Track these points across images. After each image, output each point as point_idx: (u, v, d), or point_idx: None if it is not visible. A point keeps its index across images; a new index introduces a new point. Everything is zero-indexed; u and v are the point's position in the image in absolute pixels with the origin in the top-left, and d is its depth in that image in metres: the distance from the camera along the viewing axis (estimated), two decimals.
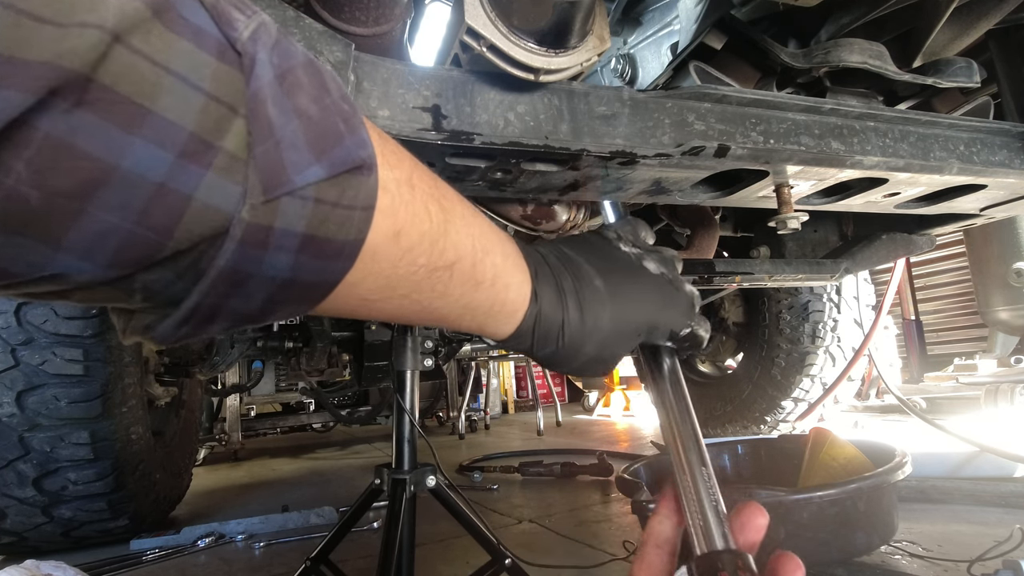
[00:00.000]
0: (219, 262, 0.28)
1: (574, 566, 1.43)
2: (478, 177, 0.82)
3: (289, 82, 0.29)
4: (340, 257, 0.33)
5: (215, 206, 0.27)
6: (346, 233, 0.32)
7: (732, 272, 1.40)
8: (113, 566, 1.69)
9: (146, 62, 0.24)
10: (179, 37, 0.25)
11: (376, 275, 0.36)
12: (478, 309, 0.46)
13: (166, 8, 0.25)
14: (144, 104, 0.24)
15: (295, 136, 0.29)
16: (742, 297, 2.73)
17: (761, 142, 0.82)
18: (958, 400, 3.18)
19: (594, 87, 0.77)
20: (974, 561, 1.23)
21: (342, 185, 0.31)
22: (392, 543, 1.07)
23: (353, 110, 0.33)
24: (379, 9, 0.75)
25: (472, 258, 0.43)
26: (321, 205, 0.30)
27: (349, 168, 0.31)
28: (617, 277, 0.53)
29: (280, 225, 0.29)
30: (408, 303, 0.40)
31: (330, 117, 0.31)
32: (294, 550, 1.76)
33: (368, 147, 0.32)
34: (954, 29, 0.95)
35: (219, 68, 0.27)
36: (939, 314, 5.39)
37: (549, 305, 0.50)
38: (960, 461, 2.02)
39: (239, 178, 0.27)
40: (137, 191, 0.25)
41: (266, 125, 0.28)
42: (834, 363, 2.55)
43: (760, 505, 0.46)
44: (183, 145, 0.25)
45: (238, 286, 0.30)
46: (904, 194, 1.06)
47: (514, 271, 0.48)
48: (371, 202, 0.33)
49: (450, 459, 3.03)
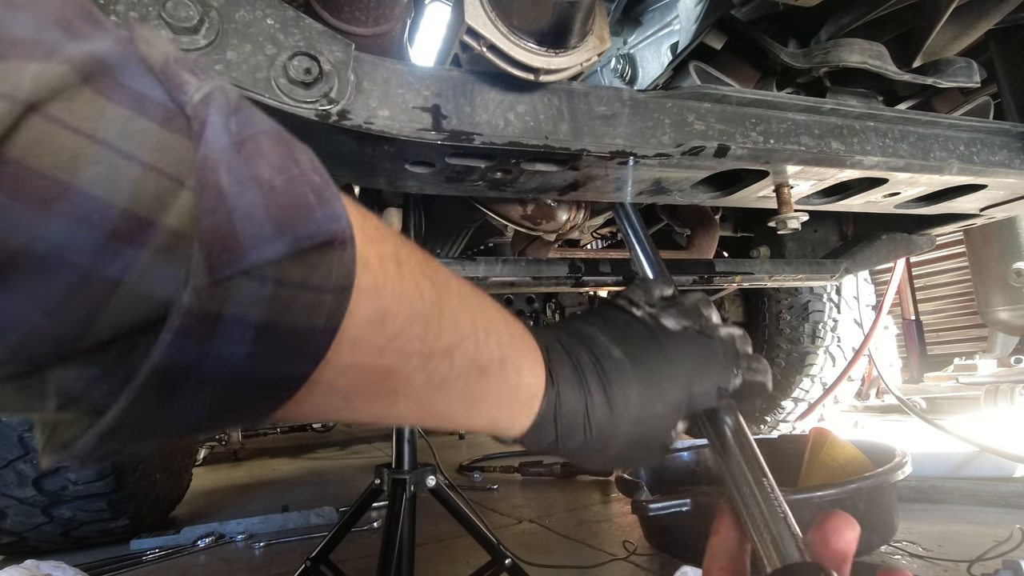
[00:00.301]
0: (153, 357, 0.23)
1: (574, 566, 1.43)
2: (478, 177, 0.82)
3: (249, 149, 0.26)
4: (308, 349, 0.28)
5: (149, 292, 0.23)
6: (315, 319, 0.27)
7: (732, 272, 1.40)
8: (113, 566, 1.69)
9: (66, 131, 0.21)
10: (113, 104, 0.23)
11: (358, 368, 0.31)
12: (487, 401, 0.39)
13: (100, 73, 0.23)
14: (62, 178, 0.21)
15: (252, 207, 0.24)
16: (742, 297, 2.73)
17: (761, 142, 0.82)
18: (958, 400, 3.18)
19: (594, 87, 0.77)
20: (974, 561, 1.23)
21: (310, 263, 0.26)
22: (392, 543, 1.07)
23: (326, 182, 0.29)
24: (379, 9, 0.75)
25: (474, 339, 0.37)
26: (283, 287, 0.25)
27: (318, 243, 0.26)
28: (637, 344, 0.47)
29: (231, 311, 0.24)
30: (400, 400, 0.34)
31: (297, 188, 0.27)
32: (294, 550, 1.76)
33: (342, 220, 0.28)
34: (954, 29, 0.95)
35: (163, 136, 0.23)
36: (939, 314, 5.39)
37: (568, 387, 0.43)
38: (960, 461, 2.02)
39: (181, 257, 0.23)
40: (51, 279, 0.21)
41: (216, 194, 0.24)
42: (834, 363, 2.55)
43: (849, 516, 0.40)
44: (113, 223, 0.22)
45: (177, 387, 0.25)
46: (904, 194, 1.06)
47: (524, 350, 0.42)
48: (346, 282, 0.28)
49: (450, 459, 3.03)
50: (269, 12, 0.60)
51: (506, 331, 0.40)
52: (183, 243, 0.23)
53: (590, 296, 2.28)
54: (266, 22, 0.60)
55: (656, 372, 0.45)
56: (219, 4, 0.58)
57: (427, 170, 0.78)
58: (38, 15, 0.22)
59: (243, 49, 0.59)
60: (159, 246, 0.23)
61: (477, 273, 1.18)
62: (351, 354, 0.30)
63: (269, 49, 0.60)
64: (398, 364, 0.33)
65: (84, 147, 0.21)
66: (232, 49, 0.58)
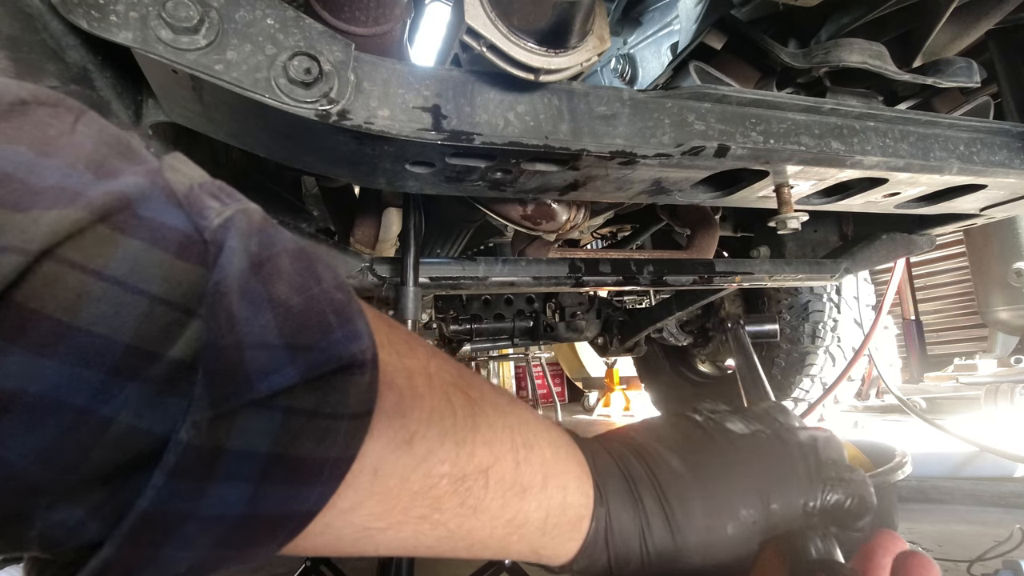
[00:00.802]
0: (143, 502, 0.22)
1: None
2: (478, 177, 0.82)
3: (267, 271, 0.24)
4: (319, 481, 0.25)
5: (147, 427, 0.22)
6: (326, 450, 0.25)
7: (732, 272, 1.40)
8: None
9: (74, 271, 0.21)
10: (127, 237, 0.22)
11: (381, 495, 0.28)
12: (528, 525, 0.35)
13: (118, 209, 0.22)
14: (63, 319, 0.20)
15: (265, 333, 0.23)
16: (742, 297, 2.73)
17: (761, 142, 0.82)
18: (958, 400, 3.18)
19: (594, 87, 0.77)
20: (974, 561, 1.23)
21: (323, 389, 0.24)
22: None
23: (349, 298, 0.27)
24: (379, 9, 0.75)
25: (514, 457, 0.34)
26: (294, 416, 0.24)
27: (336, 367, 0.25)
28: (698, 453, 0.41)
29: (234, 446, 0.22)
30: (429, 527, 0.31)
31: (316, 307, 0.25)
32: None
33: (363, 340, 0.26)
34: (954, 29, 0.95)
35: (174, 265, 0.22)
36: (939, 314, 5.39)
37: (620, 503, 0.38)
38: (960, 461, 2.03)
39: (182, 390, 0.22)
40: (44, 422, 0.20)
41: (225, 321, 0.23)
42: (834, 363, 2.55)
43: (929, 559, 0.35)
44: (115, 361, 0.21)
45: (172, 531, 0.23)
46: (904, 194, 1.06)
47: (569, 465, 0.37)
48: (365, 407, 0.26)
49: None
50: (269, 12, 0.60)
51: (549, 445, 0.37)
52: (188, 375, 0.22)
53: (590, 296, 2.28)
54: (266, 22, 0.60)
55: (722, 483, 0.39)
56: (219, 4, 0.58)
57: (427, 170, 0.78)
58: (70, 159, 0.22)
59: (243, 49, 0.59)
60: (161, 379, 0.22)
61: (477, 273, 1.18)
62: (371, 484, 0.28)
63: (269, 49, 0.60)
64: (426, 488, 0.30)
65: (89, 286, 0.21)
66: (232, 49, 0.58)
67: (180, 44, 0.56)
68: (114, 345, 0.21)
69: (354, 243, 1.30)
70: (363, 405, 0.26)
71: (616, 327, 2.27)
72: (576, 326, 2.20)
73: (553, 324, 2.14)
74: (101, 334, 0.21)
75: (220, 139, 0.77)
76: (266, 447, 0.23)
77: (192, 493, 0.22)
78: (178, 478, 0.22)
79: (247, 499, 0.23)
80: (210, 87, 0.59)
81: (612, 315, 2.29)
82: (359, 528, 0.29)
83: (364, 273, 1.06)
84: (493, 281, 1.20)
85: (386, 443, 0.28)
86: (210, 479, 0.22)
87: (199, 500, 0.22)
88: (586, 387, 6.14)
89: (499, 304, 2.15)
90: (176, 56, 0.57)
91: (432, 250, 1.58)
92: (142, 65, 0.61)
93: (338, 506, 0.27)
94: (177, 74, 0.59)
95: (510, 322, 2.11)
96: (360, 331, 0.26)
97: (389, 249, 1.36)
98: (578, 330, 2.22)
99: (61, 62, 0.59)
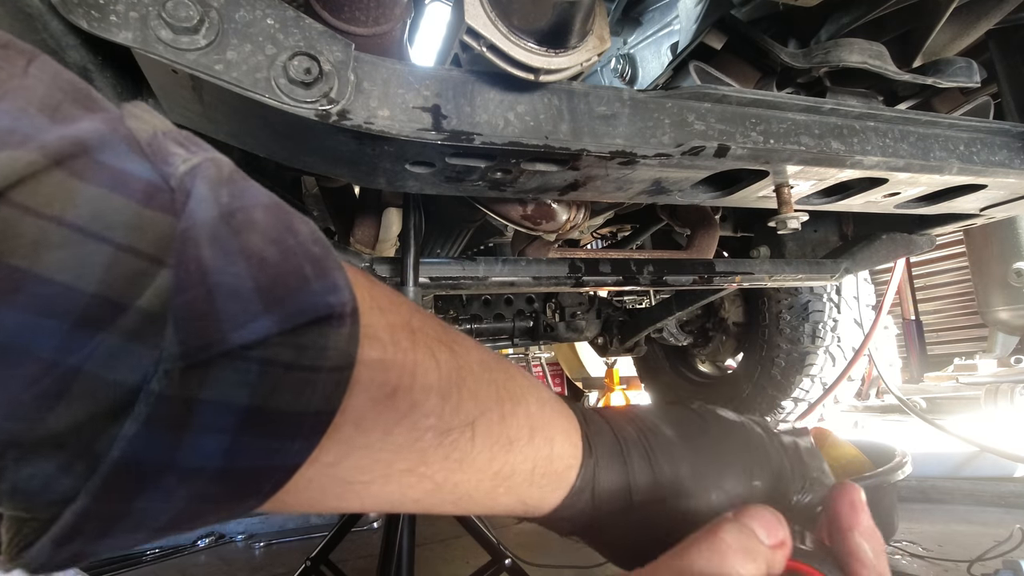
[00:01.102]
0: (116, 451, 0.21)
1: (574, 566, 1.43)
2: (478, 177, 0.82)
3: (240, 221, 0.24)
4: (300, 435, 0.25)
5: (117, 379, 0.21)
6: (306, 402, 0.24)
7: (732, 272, 1.40)
8: (113, 566, 1.69)
9: (30, 217, 0.20)
10: (86, 184, 0.21)
11: (364, 449, 0.28)
12: (515, 477, 0.35)
13: (76, 155, 0.21)
14: (20, 265, 0.19)
15: (238, 283, 0.23)
16: (742, 297, 2.72)
17: (761, 142, 0.82)
18: (958, 400, 3.18)
19: (594, 87, 0.77)
20: (974, 561, 1.23)
21: (301, 341, 0.24)
22: (392, 543, 1.07)
23: (326, 252, 0.26)
24: (379, 9, 0.75)
25: (499, 410, 0.34)
26: (271, 368, 0.23)
27: (312, 319, 0.24)
28: (689, 427, 0.41)
29: (208, 397, 0.22)
30: (415, 481, 0.31)
31: (292, 260, 0.24)
32: (294, 550, 1.77)
33: (342, 292, 0.26)
34: (954, 29, 0.95)
35: (140, 213, 0.22)
36: (939, 314, 5.39)
37: (608, 457, 0.38)
38: (960, 461, 2.03)
39: (152, 340, 0.21)
40: (7, 373, 0.20)
41: (196, 270, 0.22)
42: (834, 363, 2.55)
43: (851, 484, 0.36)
44: (80, 310, 0.20)
45: (148, 483, 0.22)
46: (904, 194, 1.06)
47: (557, 419, 0.38)
48: (345, 360, 0.26)
49: None
50: (269, 12, 0.60)
51: (536, 401, 0.36)
52: (158, 325, 0.21)
53: (590, 296, 2.28)
54: (266, 22, 0.60)
55: (711, 453, 0.40)
56: (219, 4, 0.58)
57: (427, 170, 0.78)
58: (20, 102, 0.21)
59: (243, 49, 0.59)
60: (130, 329, 0.21)
61: (477, 273, 1.18)
62: (353, 437, 0.27)
63: (269, 49, 0.60)
64: (410, 441, 0.29)
65: (48, 232, 0.20)
66: (232, 49, 0.58)
67: (180, 44, 0.56)
68: (78, 294, 0.20)
69: (354, 243, 1.30)
70: (343, 358, 0.26)
71: (616, 327, 2.27)
72: (576, 326, 2.20)
73: (553, 324, 2.15)
74: (64, 282, 0.20)
75: (220, 139, 0.77)
76: (243, 399, 0.23)
77: (167, 444, 0.22)
78: (151, 428, 0.21)
79: (225, 451, 0.23)
80: (210, 87, 0.59)
81: (612, 315, 2.29)
82: (343, 482, 0.29)
83: None
84: (493, 281, 1.20)
85: (368, 397, 0.27)
86: (185, 430, 0.22)
87: (175, 451, 0.22)
88: (586, 387, 6.13)
89: (499, 304, 2.15)
90: (176, 56, 0.57)
91: (432, 250, 1.58)
92: (142, 65, 0.61)
93: (321, 460, 0.27)
94: (177, 74, 0.59)
95: (510, 322, 2.11)
96: (339, 284, 0.26)
97: (389, 249, 1.36)
98: (578, 330, 2.22)
99: (61, 62, 0.59)
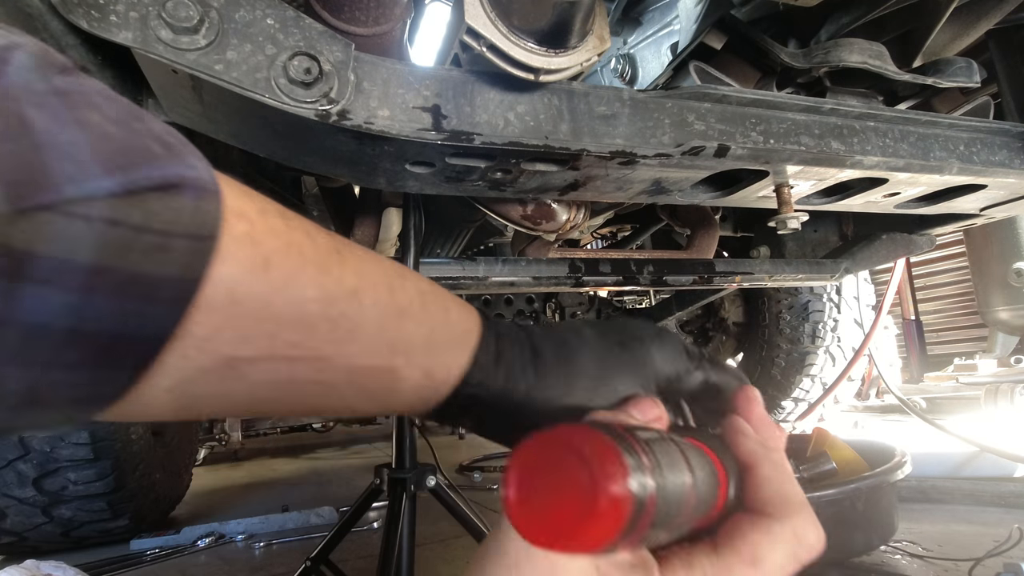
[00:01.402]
0: None
1: None
2: (478, 177, 0.82)
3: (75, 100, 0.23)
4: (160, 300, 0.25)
5: None
6: (161, 267, 0.24)
7: (732, 272, 1.40)
8: (113, 566, 1.69)
9: None
10: None
11: (241, 319, 0.28)
12: (413, 346, 0.34)
13: None
14: None
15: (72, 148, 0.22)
16: (742, 297, 2.73)
17: (761, 142, 0.82)
18: (958, 400, 3.18)
19: (594, 87, 0.77)
20: (974, 562, 1.23)
21: (152, 205, 0.24)
22: (392, 543, 1.07)
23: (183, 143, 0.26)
24: (379, 9, 0.75)
25: (387, 284, 0.33)
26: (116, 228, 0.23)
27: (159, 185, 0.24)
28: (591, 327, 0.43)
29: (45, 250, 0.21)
30: (304, 354, 0.30)
31: (140, 140, 0.24)
32: (294, 550, 1.76)
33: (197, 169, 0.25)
34: (954, 29, 0.95)
35: None
36: (939, 314, 5.39)
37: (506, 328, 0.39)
38: (960, 461, 2.03)
39: None
40: None
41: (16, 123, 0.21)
42: (834, 363, 2.55)
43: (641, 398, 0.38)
44: None
45: None
46: (904, 194, 1.06)
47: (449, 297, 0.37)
48: (204, 231, 0.25)
49: (450, 459, 3.03)
50: (269, 12, 0.60)
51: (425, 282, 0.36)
52: None
53: (590, 296, 2.28)
54: (266, 22, 0.60)
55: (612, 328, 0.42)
56: (219, 4, 0.58)
57: (427, 170, 0.78)
58: None
59: (243, 49, 0.59)
60: None
61: (477, 273, 1.18)
62: (229, 308, 0.27)
63: (269, 49, 0.60)
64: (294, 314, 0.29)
65: None
66: (232, 49, 0.59)
67: (180, 44, 0.57)
68: None
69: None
70: (202, 228, 0.25)
71: None
72: None
73: (553, 324, 2.14)
74: None
75: (220, 139, 0.77)
76: (87, 256, 0.22)
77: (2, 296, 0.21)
78: None
79: (74, 310, 0.22)
80: (210, 87, 0.59)
81: (612, 315, 2.29)
82: (223, 359, 0.28)
83: None
84: (493, 281, 1.20)
85: (239, 266, 0.27)
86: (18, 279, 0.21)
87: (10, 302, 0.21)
88: None
89: (499, 304, 2.15)
90: (176, 56, 0.57)
91: (432, 250, 1.58)
92: (142, 65, 0.61)
93: (194, 333, 0.26)
94: (177, 74, 0.59)
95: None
96: (194, 164, 0.25)
97: (389, 249, 1.36)
98: None
99: None
